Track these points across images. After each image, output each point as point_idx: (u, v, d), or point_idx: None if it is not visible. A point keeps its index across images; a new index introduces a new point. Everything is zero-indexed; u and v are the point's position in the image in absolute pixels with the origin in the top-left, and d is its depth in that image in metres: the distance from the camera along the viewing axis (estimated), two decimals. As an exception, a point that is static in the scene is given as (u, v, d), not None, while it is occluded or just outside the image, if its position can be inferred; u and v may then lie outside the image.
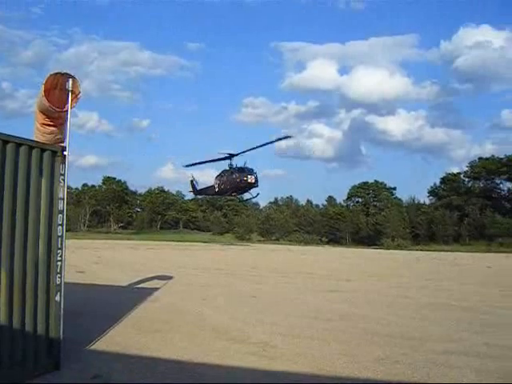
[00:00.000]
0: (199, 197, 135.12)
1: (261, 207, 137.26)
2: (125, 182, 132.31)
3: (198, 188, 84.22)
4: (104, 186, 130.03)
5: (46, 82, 8.62)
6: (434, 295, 19.36)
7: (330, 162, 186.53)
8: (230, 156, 69.36)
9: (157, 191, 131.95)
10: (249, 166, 67.66)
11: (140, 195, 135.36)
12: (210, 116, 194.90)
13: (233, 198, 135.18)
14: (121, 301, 14.91)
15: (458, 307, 16.13)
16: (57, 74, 8.69)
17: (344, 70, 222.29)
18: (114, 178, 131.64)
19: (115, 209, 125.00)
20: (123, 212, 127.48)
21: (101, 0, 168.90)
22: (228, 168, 70.49)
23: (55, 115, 8.93)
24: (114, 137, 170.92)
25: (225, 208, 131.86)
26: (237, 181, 66.79)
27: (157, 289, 17.60)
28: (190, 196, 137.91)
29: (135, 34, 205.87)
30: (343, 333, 11.49)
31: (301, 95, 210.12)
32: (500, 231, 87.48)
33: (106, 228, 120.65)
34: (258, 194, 75.41)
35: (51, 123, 9.15)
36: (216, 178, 73.52)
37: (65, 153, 8.13)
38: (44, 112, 9.00)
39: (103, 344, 9.61)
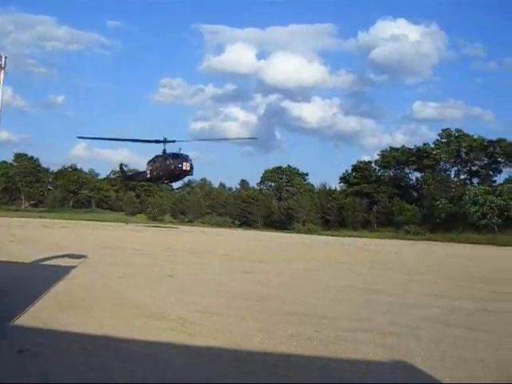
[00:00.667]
0: (108, 176, 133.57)
1: (173, 188, 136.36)
2: (37, 159, 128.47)
3: (128, 173, 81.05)
4: (15, 163, 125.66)
5: None
6: (345, 278, 20.24)
7: (245, 146, 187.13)
8: (164, 141, 64.34)
9: (70, 169, 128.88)
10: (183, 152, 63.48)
11: (52, 173, 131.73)
12: (127, 95, 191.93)
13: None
14: (39, 278, 14.81)
15: (367, 289, 16.99)
16: None
17: (262, 55, 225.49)
18: (26, 155, 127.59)
19: (26, 186, 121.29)
20: (35, 190, 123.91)
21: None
22: (161, 153, 65.31)
23: None
24: (27, 112, 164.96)
25: (138, 188, 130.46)
26: (171, 168, 62.12)
27: (74, 267, 17.51)
28: (103, 175, 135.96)
29: (53, 7, 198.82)
30: (259, 312, 11.99)
31: (218, 78, 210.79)
32: (407, 219, 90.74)
33: (16, 205, 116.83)
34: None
35: None
36: (148, 163, 68.14)
37: (-3, 130, 8.17)
38: None
39: (26, 320, 9.66)
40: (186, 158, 63.38)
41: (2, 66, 8.47)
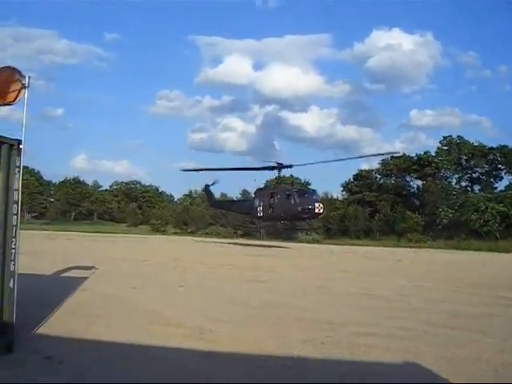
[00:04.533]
0: (110, 187, 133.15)
1: (175, 199, 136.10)
2: (38, 172, 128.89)
3: (218, 199, 70.42)
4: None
5: None
6: (351, 285, 20.52)
7: (244, 156, 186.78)
8: (279, 167, 52.44)
9: (72, 181, 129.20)
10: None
11: (54, 185, 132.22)
12: (125, 107, 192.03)
13: (147, 189, 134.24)
14: (53, 290, 15.09)
15: (373, 296, 17.30)
16: (7, 67, 9.02)
17: (259, 66, 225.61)
18: (27, 167, 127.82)
19: (28, 199, 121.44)
20: (36, 202, 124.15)
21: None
22: (276, 183, 55.11)
23: None
24: (27, 125, 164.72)
25: (139, 199, 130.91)
26: (297, 209, 49.39)
27: (85, 278, 17.81)
28: (106, 186, 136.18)
29: (52, 21, 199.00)
30: (270, 318, 12.35)
31: (216, 89, 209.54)
32: (409, 227, 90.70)
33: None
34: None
35: None
36: (258, 195, 55.69)
37: (21, 146, 8.54)
38: None
39: (48, 329, 10.05)
40: (315, 197, 52.97)
41: (26, 85, 8.82)
